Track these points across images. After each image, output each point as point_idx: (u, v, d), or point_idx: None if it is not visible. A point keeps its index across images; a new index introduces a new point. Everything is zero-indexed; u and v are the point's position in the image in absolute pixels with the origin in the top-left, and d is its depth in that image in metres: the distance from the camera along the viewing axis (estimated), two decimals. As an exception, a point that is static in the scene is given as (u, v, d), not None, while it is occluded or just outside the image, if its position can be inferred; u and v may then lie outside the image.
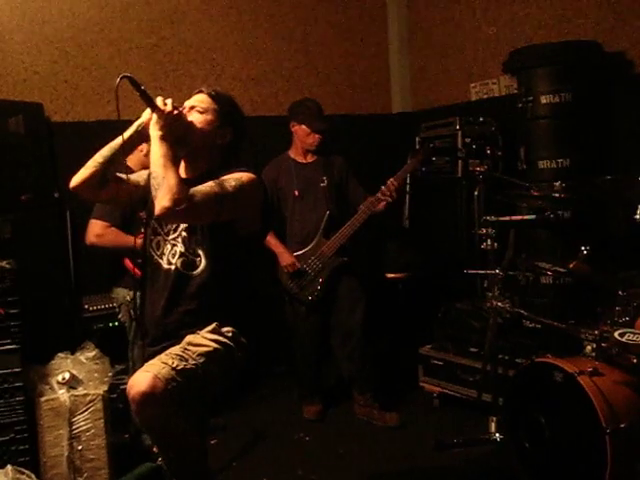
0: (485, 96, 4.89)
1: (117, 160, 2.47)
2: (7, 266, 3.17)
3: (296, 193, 4.01)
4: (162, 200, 2.22)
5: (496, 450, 3.31)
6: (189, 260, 2.45)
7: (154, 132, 2.35)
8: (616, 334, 2.75)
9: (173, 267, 2.47)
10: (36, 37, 4.29)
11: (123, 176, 2.53)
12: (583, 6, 4.13)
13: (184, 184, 2.27)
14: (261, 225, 2.56)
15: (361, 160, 4.29)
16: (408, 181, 4.07)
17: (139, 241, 3.19)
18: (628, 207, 2.99)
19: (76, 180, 2.49)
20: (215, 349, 2.36)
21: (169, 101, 2.37)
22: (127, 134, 2.46)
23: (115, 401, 3.48)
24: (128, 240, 3.34)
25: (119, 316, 3.61)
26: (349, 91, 5.47)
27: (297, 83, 5.19)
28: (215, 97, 2.54)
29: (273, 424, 4.05)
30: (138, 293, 3.33)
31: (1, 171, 3.72)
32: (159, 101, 2.36)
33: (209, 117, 2.50)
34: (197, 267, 2.44)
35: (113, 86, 2.33)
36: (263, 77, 5.08)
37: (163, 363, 2.23)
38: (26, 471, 2.94)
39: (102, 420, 3.24)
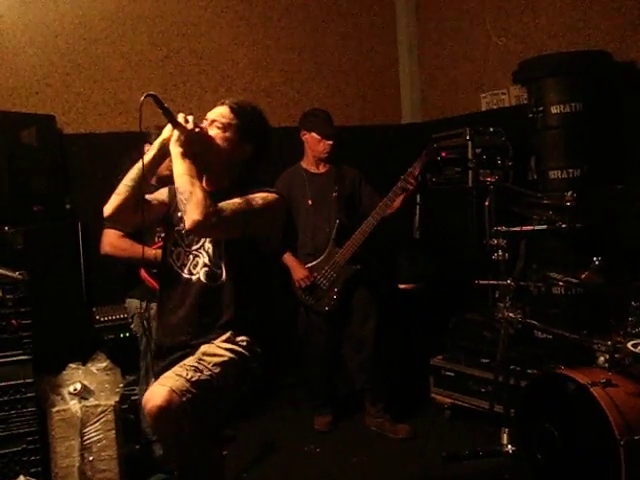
0: (495, 106, 4.89)
1: (146, 181, 2.44)
2: (19, 277, 3.19)
3: (309, 202, 4.02)
4: (192, 214, 2.24)
5: (508, 462, 3.29)
6: (212, 272, 2.46)
7: (175, 149, 2.35)
8: (629, 345, 2.74)
9: (195, 277, 2.48)
10: (49, 50, 4.33)
11: (149, 197, 2.53)
12: (592, 16, 4.13)
13: (211, 198, 2.28)
14: (281, 243, 2.59)
15: (371, 171, 4.29)
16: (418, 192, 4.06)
17: (154, 251, 3.20)
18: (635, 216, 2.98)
19: (110, 208, 2.41)
20: (230, 359, 2.36)
21: (190, 118, 2.37)
22: (151, 153, 2.44)
23: (126, 412, 3.48)
24: (142, 250, 3.34)
25: (132, 326, 3.62)
26: (359, 102, 5.49)
27: (307, 94, 5.21)
28: (237, 111, 2.51)
29: (284, 435, 4.04)
30: (152, 304, 3.36)
31: (14, 182, 3.76)
32: (180, 118, 2.36)
33: (228, 134, 2.48)
34: (219, 279, 2.45)
35: (124, 98, 2.37)
36: (273, 89, 5.11)
37: (178, 375, 2.24)
38: (37, 482, 2.95)
39: (113, 431, 3.24)
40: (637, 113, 3.87)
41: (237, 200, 2.36)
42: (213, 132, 2.48)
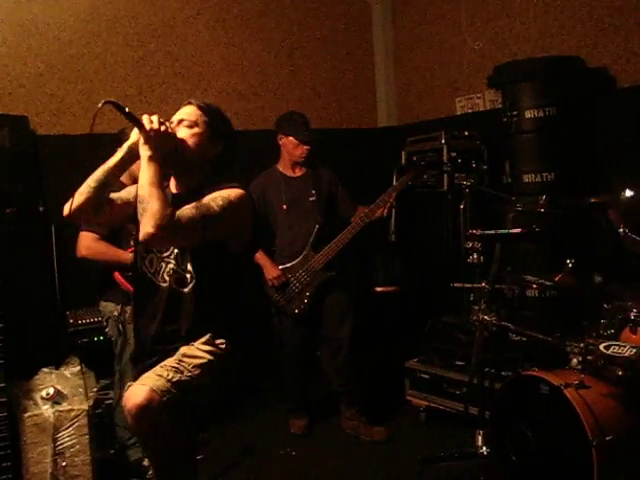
0: (470, 110, 4.93)
1: (111, 183, 2.41)
2: (-9, 280, 3.15)
3: (284, 207, 4.01)
4: (145, 226, 2.20)
5: (483, 464, 3.30)
6: (180, 276, 2.44)
7: (143, 152, 2.31)
8: (601, 347, 2.76)
9: (167, 284, 2.46)
10: (22, 50, 4.28)
11: (114, 196, 2.49)
12: (565, 22, 4.18)
13: (169, 208, 2.23)
14: (251, 240, 2.55)
15: (346, 174, 4.30)
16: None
17: (131, 255, 3.19)
18: (612, 220, 3.02)
19: (70, 207, 2.37)
20: (209, 361, 2.36)
21: (155, 118, 2.34)
22: (119, 155, 2.41)
23: (100, 416, 3.45)
24: (118, 253, 3.33)
25: (106, 330, 3.58)
26: (335, 105, 5.50)
27: (283, 97, 5.20)
28: (204, 109, 2.51)
29: (259, 439, 4.03)
30: (129, 307, 3.33)
31: (-15, 185, 3.71)
32: (145, 119, 2.32)
33: (198, 130, 2.47)
34: (188, 283, 2.43)
35: (99, 100, 2.32)
36: (250, 91, 5.09)
37: (158, 375, 2.23)
38: (8, 488, 2.91)
39: (87, 436, 3.21)
40: (609, 118, 3.93)
41: (195, 205, 2.30)
42: (183, 132, 2.45)
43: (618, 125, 3.89)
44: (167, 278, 2.47)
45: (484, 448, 3.39)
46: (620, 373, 2.74)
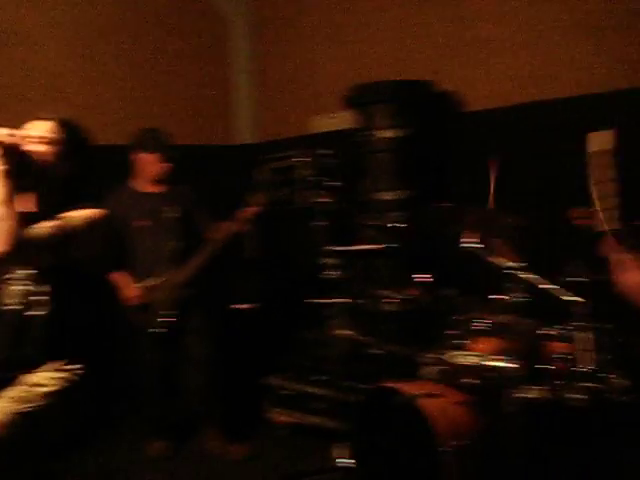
0: (327, 129, 5.03)
1: None
2: None
3: (140, 224, 3.91)
4: None
5: (346, 477, 3.35)
6: (32, 299, 2.33)
7: None
8: (452, 356, 2.90)
9: (18, 307, 2.33)
10: None
11: None
12: (414, 48, 4.39)
13: (20, 226, 2.16)
14: (107, 261, 2.49)
15: (203, 191, 4.25)
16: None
17: None
18: (455, 236, 3.18)
19: None
20: (59, 389, 2.27)
21: (3, 131, 2.23)
22: None
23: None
24: None
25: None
26: (192, 121, 5.44)
27: (140, 113, 5.07)
28: (62, 125, 2.43)
29: (117, 466, 3.86)
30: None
31: None
32: (3, 132, 2.21)
33: (55, 149, 2.38)
34: (40, 306, 2.33)
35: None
36: (104, 105, 4.93)
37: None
38: None
39: None
40: (458, 139, 4.15)
41: (51, 224, 2.26)
42: (36, 147, 2.36)
43: (466, 145, 4.11)
44: (18, 301, 2.34)
45: (345, 461, 3.44)
46: (469, 380, 2.89)
